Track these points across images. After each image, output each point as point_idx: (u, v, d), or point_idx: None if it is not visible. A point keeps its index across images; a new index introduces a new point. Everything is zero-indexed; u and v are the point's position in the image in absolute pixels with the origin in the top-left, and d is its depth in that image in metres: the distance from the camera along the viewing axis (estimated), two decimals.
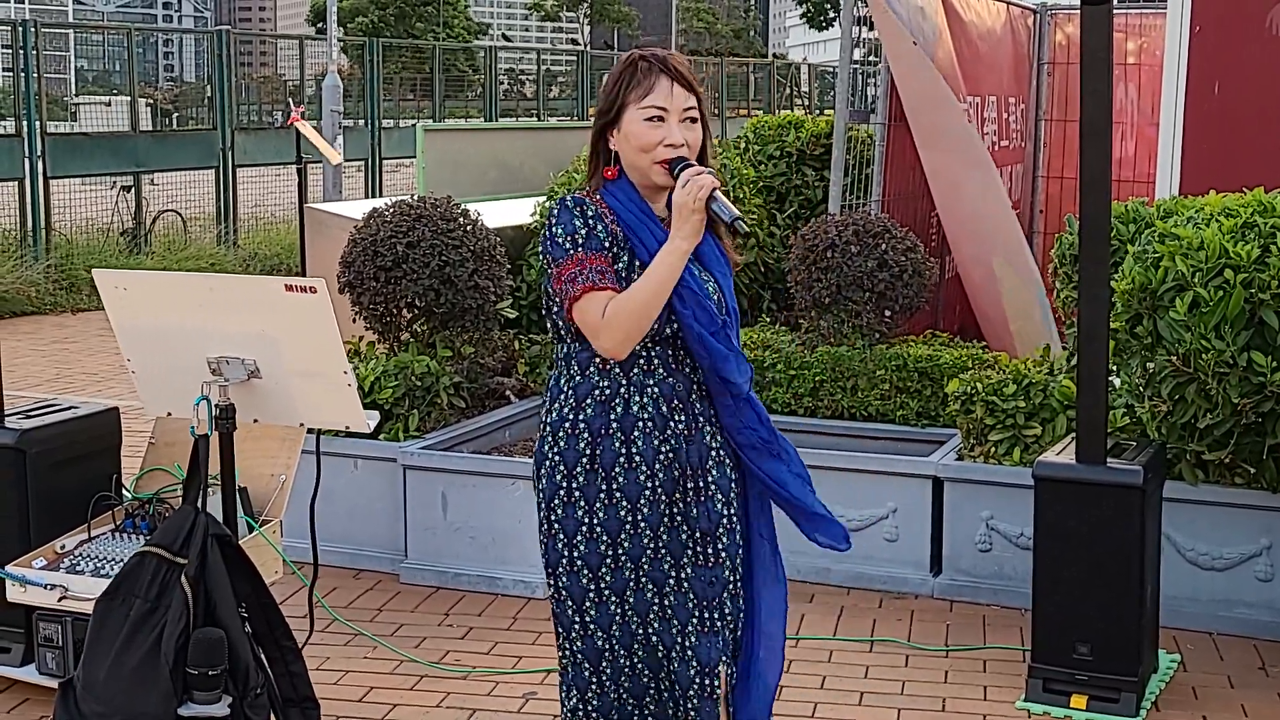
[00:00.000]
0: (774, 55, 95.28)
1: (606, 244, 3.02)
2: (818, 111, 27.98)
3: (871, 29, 7.66)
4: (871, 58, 8.42)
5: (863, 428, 6.09)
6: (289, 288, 3.35)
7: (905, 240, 6.35)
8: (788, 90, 33.72)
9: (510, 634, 5.18)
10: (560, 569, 3.11)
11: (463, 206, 6.48)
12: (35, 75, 13.89)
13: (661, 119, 3.03)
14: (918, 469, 5.53)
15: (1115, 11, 8.98)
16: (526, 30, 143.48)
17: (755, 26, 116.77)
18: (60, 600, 4.10)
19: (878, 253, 6.24)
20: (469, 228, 6.35)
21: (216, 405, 3.45)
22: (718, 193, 2.94)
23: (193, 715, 3.25)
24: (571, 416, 3.07)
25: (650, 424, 3.05)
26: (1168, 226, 4.86)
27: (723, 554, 3.10)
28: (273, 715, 3.49)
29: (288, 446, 4.43)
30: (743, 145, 8.36)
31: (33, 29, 13.98)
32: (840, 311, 6.31)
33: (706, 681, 3.10)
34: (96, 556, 4.18)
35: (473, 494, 5.61)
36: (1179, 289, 4.66)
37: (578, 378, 3.08)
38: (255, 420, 3.60)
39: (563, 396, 3.09)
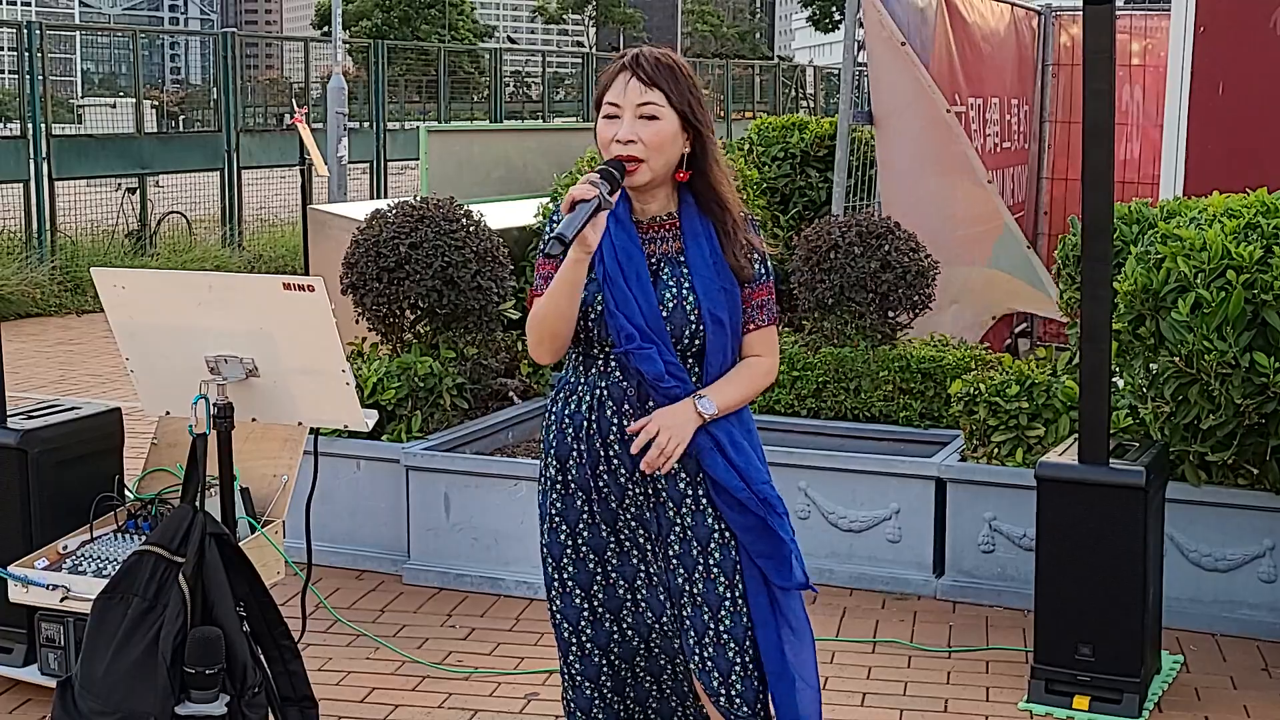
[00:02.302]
0: (779, 57, 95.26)
1: (557, 251, 2.99)
2: (823, 114, 27.96)
3: None
4: None
5: (866, 429, 6.08)
6: (287, 286, 3.34)
7: (909, 241, 6.35)
8: (793, 93, 33.72)
9: (512, 635, 5.18)
10: (540, 556, 3.17)
11: (465, 207, 6.48)
12: (41, 77, 13.91)
13: (616, 116, 2.98)
14: (921, 470, 5.52)
15: (1120, 13, 9.01)
16: (532, 32, 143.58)
17: (761, 29, 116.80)
18: (62, 601, 4.10)
19: (881, 254, 6.24)
20: (472, 229, 6.34)
21: (214, 404, 3.45)
22: (582, 204, 2.83)
23: (190, 714, 3.25)
24: (550, 408, 3.14)
25: (595, 425, 3.06)
26: (1170, 227, 4.85)
27: (674, 560, 3.08)
28: (270, 714, 3.49)
29: (290, 447, 4.43)
30: (747, 147, 8.37)
31: (38, 31, 14.01)
32: (843, 313, 6.30)
33: (680, 660, 3.15)
34: (98, 557, 4.18)
35: (475, 495, 5.61)
36: (1181, 290, 4.66)
37: (564, 372, 3.14)
38: (253, 419, 3.60)
39: (554, 389, 3.17)
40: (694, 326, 3.00)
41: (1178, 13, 6.68)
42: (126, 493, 4.52)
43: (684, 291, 3.01)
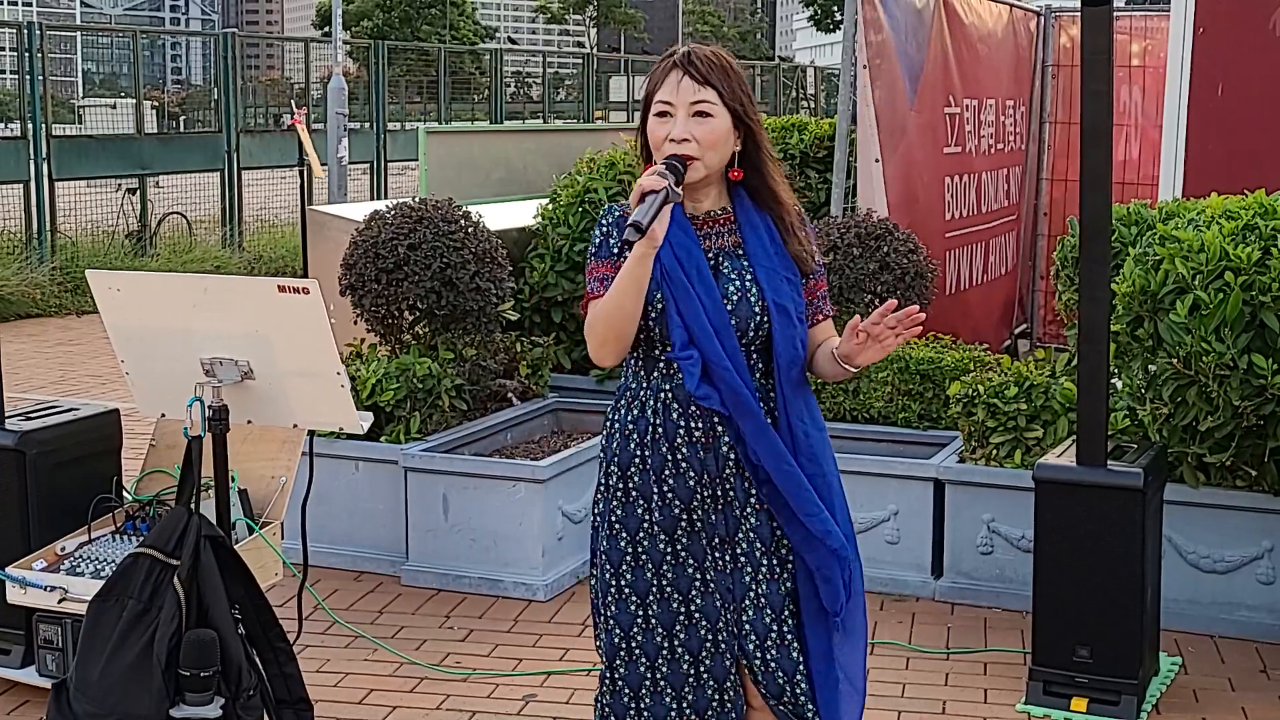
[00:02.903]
0: (780, 58, 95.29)
1: (616, 250, 2.99)
2: (824, 115, 27.96)
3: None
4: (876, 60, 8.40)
5: (865, 430, 6.08)
6: (282, 288, 3.34)
7: (908, 243, 6.35)
8: (794, 93, 33.71)
9: (511, 636, 5.18)
10: (594, 561, 3.14)
11: (464, 208, 6.48)
12: (41, 77, 13.92)
13: (670, 114, 2.98)
14: (919, 471, 5.52)
15: (1119, 14, 9.01)
16: (533, 33, 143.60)
17: (762, 29, 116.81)
18: (60, 602, 4.09)
19: (879, 255, 6.24)
20: (470, 230, 6.35)
21: (210, 406, 3.45)
22: (651, 195, 2.81)
23: (185, 717, 3.25)
24: (611, 415, 3.11)
25: (660, 429, 3.03)
26: (1169, 229, 4.85)
27: (741, 559, 3.05)
28: (266, 716, 3.49)
29: (288, 449, 4.42)
30: None
31: (39, 31, 14.01)
32: (843, 314, 6.30)
33: (730, 685, 3.07)
34: (96, 558, 4.18)
35: (474, 496, 5.61)
36: (1179, 291, 4.66)
37: (624, 378, 3.11)
38: (249, 421, 3.59)
39: (615, 396, 3.14)
40: (759, 318, 3.00)
41: (1177, 13, 6.68)
42: (125, 494, 4.52)
43: (747, 283, 3.01)
